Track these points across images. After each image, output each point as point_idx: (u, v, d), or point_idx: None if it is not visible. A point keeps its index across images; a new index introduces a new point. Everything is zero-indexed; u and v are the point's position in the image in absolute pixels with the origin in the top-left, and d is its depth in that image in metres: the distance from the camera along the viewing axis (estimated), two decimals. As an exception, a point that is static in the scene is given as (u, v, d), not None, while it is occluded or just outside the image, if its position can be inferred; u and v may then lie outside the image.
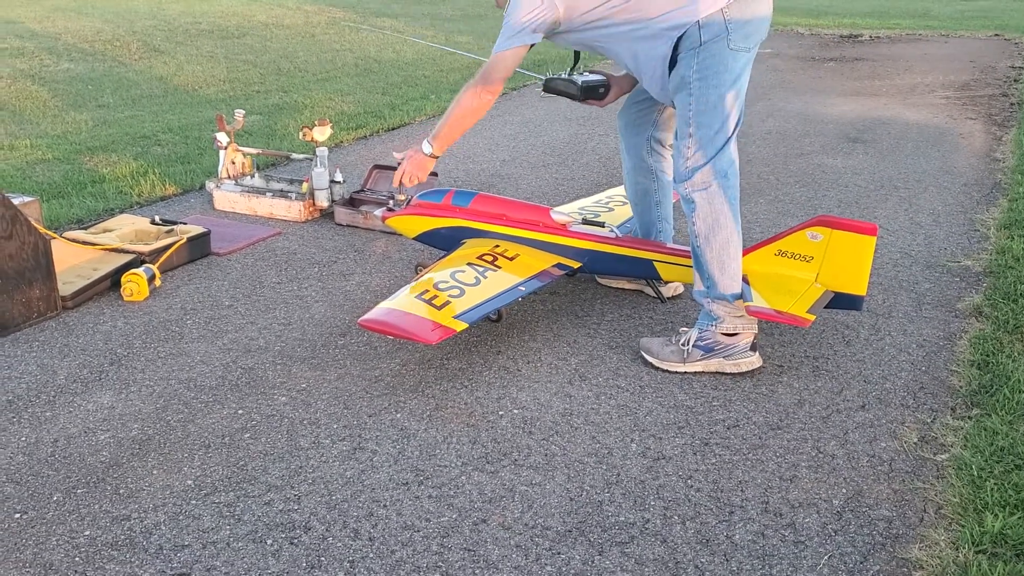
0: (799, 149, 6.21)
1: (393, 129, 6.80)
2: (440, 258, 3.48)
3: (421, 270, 3.79)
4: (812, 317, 2.95)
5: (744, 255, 3.13)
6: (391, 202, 4.01)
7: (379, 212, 3.98)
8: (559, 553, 2.22)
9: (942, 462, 2.58)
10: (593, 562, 2.19)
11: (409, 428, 2.76)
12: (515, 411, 2.86)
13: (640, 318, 3.54)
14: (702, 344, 3.08)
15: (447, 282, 3.17)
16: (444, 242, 3.65)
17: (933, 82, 8.75)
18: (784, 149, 6.21)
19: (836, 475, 2.54)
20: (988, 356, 3.15)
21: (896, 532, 2.30)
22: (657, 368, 3.11)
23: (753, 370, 3.10)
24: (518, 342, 3.33)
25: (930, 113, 7.35)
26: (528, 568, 2.16)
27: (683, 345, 3.10)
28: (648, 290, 3.70)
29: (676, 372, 3.09)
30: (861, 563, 2.19)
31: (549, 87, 3.53)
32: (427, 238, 3.72)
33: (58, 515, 2.36)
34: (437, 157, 3.42)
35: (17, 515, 2.36)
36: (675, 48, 2.97)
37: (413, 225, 3.73)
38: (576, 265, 3.49)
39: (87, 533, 2.29)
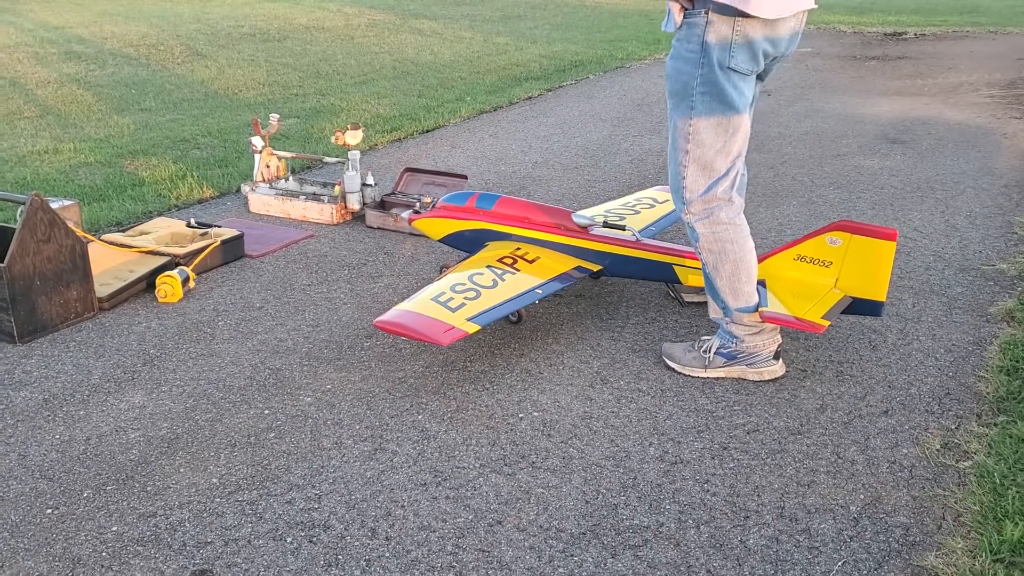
0: (836, 150, 6.15)
1: (428, 131, 6.85)
2: (462, 260, 3.52)
3: (445, 271, 3.83)
4: (827, 323, 2.93)
5: (764, 260, 3.12)
6: (418, 204, 4.05)
7: (406, 214, 4.03)
8: (572, 555, 2.24)
9: (964, 469, 2.56)
10: (606, 564, 2.20)
11: (430, 430, 2.79)
12: (535, 414, 2.89)
13: (664, 322, 3.54)
14: (724, 352, 3.08)
15: (464, 284, 3.20)
16: (468, 244, 3.69)
17: (978, 80, 8.60)
18: (820, 150, 6.16)
19: (855, 481, 2.53)
20: (1018, 362, 3.11)
21: (913, 539, 2.29)
22: (679, 373, 3.12)
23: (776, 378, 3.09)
24: (542, 345, 3.36)
25: (973, 113, 7.23)
26: (541, 570, 2.19)
27: (704, 352, 3.10)
28: (696, 298, 3.66)
29: (698, 377, 3.09)
30: (875, 570, 2.18)
31: None
32: (452, 240, 3.76)
33: (88, 511, 2.43)
34: None
35: (49, 510, 2.44)
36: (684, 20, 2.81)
37: (438, 227, 3.77)
38: (596, 268, 3.51)
39: (115, 529, 2.36)
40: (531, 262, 3.42)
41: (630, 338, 3.40)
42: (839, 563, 2.21)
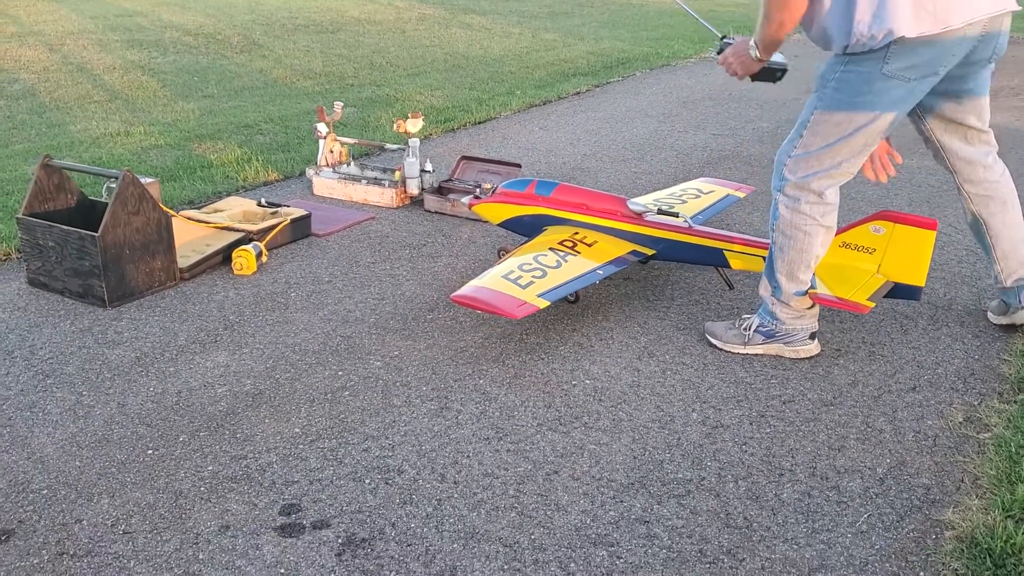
0: (875, 148, 6.30)
1: (480, 123, 7.11)
2: (523, 243, 3.76)
3: (504, 254, 4.07)
4: (871, 304, 3.14)
5: None
6: (477, 190, 4.29)
7: (466, 200, 4.27)
8: (622, 501, 2.48)
9: (984, 440, 2.77)
10: (652, 510, 2.45)
11: (490, 392, 3.05)
12: (587, 381, 3.13)
13: (708, 303, 3.77)
14: (763, 330, 3.29)
15: (531, 264, 3.45)
16: (526, 228, 3.93)
17: (1019, 85, 8.69)
18: (860, 148, 6.32)
19: (882, 447, 2.75)
20: (1041, 347, 3.30)
21: (933, 498, 2.50)
22: (720, 349, 3.34)
23: (811, 356, 3.30)
24: (592, 321, 3.60)
25: (1012, 116, 7.34)
26: (594, 512, 2.44)
27: (744, 330, 3.31)
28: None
29: (738, 353, 3.32)
30: (898, 522, 2.40)
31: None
32: (511, 224, 4.00)
33: (185, 453, 2.72)
34: (763, 62, 3.09)
35: (150, 451, 2.72)
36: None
37: (498, 212, 4.01)
38: (650, 252, 3.73)
39: (210, 468, 2.64)
40: (589, 245, 3.65)
41: (675, 317, 3.63)
42: (865, 515, 2.43)
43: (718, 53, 3.24)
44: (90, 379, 3.14)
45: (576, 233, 3.76)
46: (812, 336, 3.29)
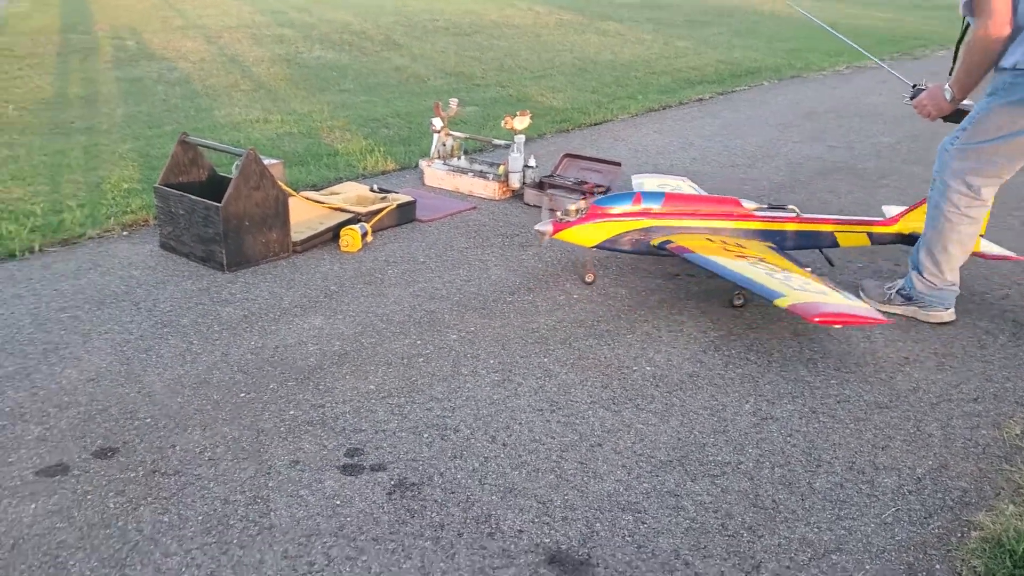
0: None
1: (595, 125, 7.29)
2: (698, 259, 3.56)
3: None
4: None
5: (902, 216, 3.64)
6: (559, 214, 3.81)
7: (544, 227, 3.75)
8: (657, 476, 2.63)
9: (1036, 452, 2.77)
10: (685, 485, 2.58)
11: (552, 370, 3.24)
12: (648, 368, 3.28)
13: (784, 305, 3.84)
14: (904, 293, 3.56)
15: (778, 273, 3.46)
16: (631, 245, 3.79)
17: None
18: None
19: (927, 450, 2.79)
20: (1120, 370, 3.24)
21: (968, 500, 2.54)
22: (864, 302, 3.55)
23: (942, 323, 3.57)
24: (667, 314, 3.73)
25: None
26: (628, 482, 2.59)
27: (888, 289, 3.59)
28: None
29: (881, 311, 3.53)
30: (925, 518, 2.46)
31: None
32: (614, 243, 3.77)
33: (272, 398, 3.02)
34: (958, 102, 3.39)
35: (242, 395, 3.04)
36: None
37: (597, 233, 3.74)
38: (770, 245, 3.87)
39: (291, 412, 2.93)
40: (743, 249, 3.69)
41: (749, 317, 3.73)
42: (893, 509, 2.49)
43: (912, 99, 3.60)
44: (201, 331, 3.50)
45: (709, 239, 3.74)
46: (948, 306, 3.53)
